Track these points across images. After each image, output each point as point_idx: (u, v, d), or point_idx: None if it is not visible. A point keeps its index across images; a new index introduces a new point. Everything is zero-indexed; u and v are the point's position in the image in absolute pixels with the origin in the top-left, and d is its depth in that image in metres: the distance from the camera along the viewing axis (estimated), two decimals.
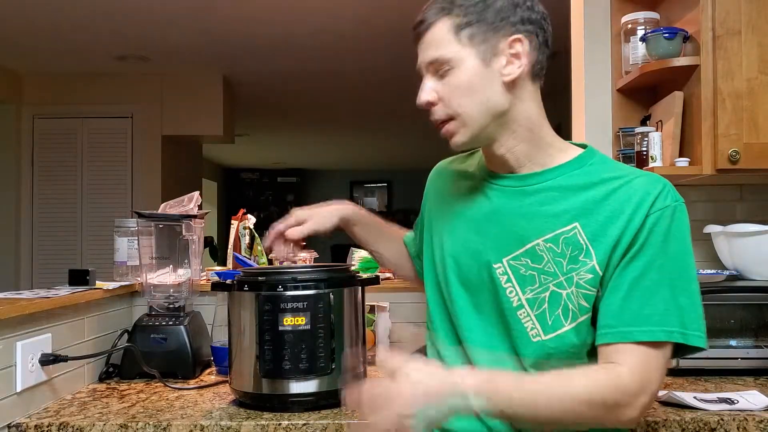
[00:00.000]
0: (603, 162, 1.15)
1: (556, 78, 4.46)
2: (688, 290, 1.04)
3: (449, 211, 1.24)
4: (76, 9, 4.02)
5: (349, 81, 5.69)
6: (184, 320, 1.77)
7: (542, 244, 1.09)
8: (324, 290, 1.40)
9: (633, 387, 1.00)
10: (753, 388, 1.50)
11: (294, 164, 11.04)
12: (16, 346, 1.38)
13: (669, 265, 1.04)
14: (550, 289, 1.08)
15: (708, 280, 1.81)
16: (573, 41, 2.22)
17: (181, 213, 1.81)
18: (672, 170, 1.83)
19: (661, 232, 1.04)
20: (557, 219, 1.09)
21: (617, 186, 1.08)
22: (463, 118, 1.10)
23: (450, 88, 1.10)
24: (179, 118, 5.54)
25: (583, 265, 1.06)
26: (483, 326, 1.14)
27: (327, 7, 4.00)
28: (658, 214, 1.05)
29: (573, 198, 1.10)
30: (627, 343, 1.02)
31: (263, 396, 1.41)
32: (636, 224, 1.04)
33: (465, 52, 1.09)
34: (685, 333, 1.02)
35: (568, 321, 1.07)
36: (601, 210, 1.07)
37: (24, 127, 5.42)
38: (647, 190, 1.06)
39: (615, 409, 1.00)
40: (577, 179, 1.11)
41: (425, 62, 1.12)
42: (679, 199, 1.08)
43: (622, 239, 1.04)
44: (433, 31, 1.11)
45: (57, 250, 5.40)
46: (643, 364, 1.01)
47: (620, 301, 1.04)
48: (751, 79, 1.75)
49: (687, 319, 1.03)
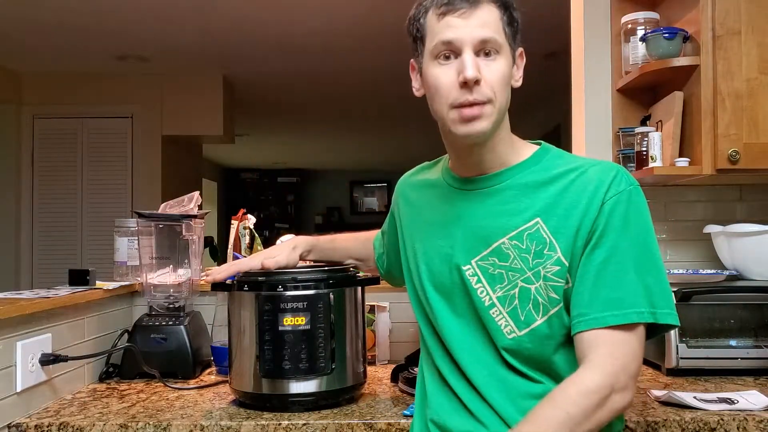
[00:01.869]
0: (559, 156, 1.17)
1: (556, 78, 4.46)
2: (653, 270, 1.07)
3: (418, 220, 1.27)
4: (76, 9, 4.02)
5: (348, 81, 5.69)
6: (184, 320, 1.77)
7: (507, 242, 1.12)
8: (324, 290, 1.40)
9: (609, 374, 1.02)
10: (753, 388, 1.50)
11: (294, 164, 11.04)
12: (16, 346, 1.38)
13: (632, 248, 1.06)
14: (519, 285, 1.11)
15: (708, 280, 1.81)
16: (573, 41, 2.22)
17: (181, 213, 1.81)
18: (672, 170, 1.83)
19: (620, 217, 1.07)
20: (519, 216, 1.12)
21: (573, 177, 1.11)
22: (497, 106, 1.10)
23: (495, 73, 1.09)
24: (179, 118, 5.54)
25: (548, 258, 1.09)
26: (461, 328, 1.16)
27: (327, 7, 4.00)
28: (615, 199, 1.07)
29: (533, 194, 1.13)
30: (601, 329, 1.04)
31: (263, 396, 1.41)
32: (593, 212, 1.07)
33: (506, 45, 1.10)
34: (654, 312, 1.05)
35: (539, 315, 1.10)
36: (560, 203, 1.10)
37: (24, 127, 5.42)
38: (601, 178, 1.09)
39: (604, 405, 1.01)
40: (536, 176, 1.14)
41: (476, 38, 1.07)
42: (634, 182, 1.10)
43: (582, 228, 1.07)
44: (485, 11, 1.08)
45: (57, 250, 5.40)
46: (617, 348, 1.04)
47: (590, 289, 1.06)
48: (751, 79, 1.75)
49: (655, 299, 1.06)
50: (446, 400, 1.16)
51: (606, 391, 1.01)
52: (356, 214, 11.56)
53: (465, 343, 1.15)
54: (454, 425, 1.13)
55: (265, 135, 8.36)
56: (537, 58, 1.26)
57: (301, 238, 1.50)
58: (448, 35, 1.08)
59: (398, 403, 1.46)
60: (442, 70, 1.10)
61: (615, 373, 1.02)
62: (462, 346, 1.15)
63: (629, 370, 1.03)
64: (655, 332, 1.10)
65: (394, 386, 1.62)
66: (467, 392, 1.13)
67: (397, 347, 1.90)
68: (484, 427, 1.10)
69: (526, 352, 1.11)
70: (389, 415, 1.37)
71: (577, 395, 1.01)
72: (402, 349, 1.85)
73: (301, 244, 1.48)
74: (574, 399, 1.00)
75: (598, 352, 1.04)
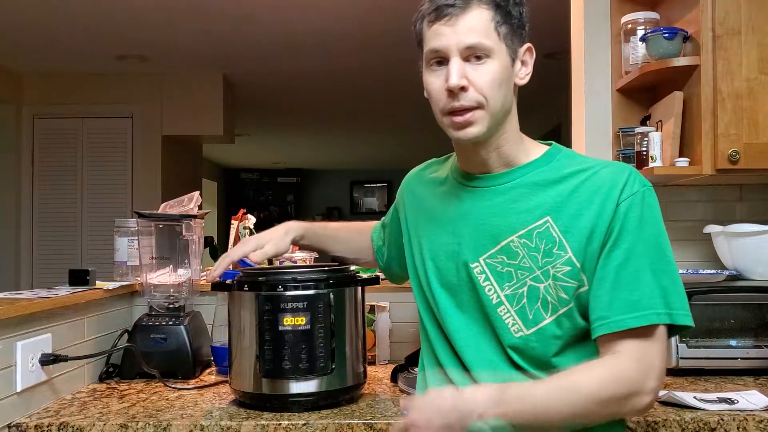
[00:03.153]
0: (570, 157, 1.17)
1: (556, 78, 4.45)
2: (668, 271, 1.07)
3: (425, 216, 1.27)
4: (76, 9, 4.02)
5: (349, 81, 5.69)
6: (184, 320, 1.77)
7: (516, 240, 1.12)
8: (324, 290, 1.40)
9: (637, 375, 1.02)
10: (753, 388, 1.50)
11: (294, 164, 11.04)
12: (16, 346, 1.38)
13: (647, 250, 1.07)
14: (528, 283, 1.10)
15: (708, 280, 1.81)
16: (573, 41, 2.22)
17: (181, 213, 1.81)
18: (672, 170, 1.83)
19: (635, 218, 1.07)
20: (529, 215, 1.12)
21: (585, 178, 1.11)
22: (490, 109, 1.10)
23: (483, 77, 1.09)
24: (179, 118, 5.53)
25: (558, 257, 1.08)
26: (468, 325, 1.16)
27: (327, 7, 4.00)
28: (629, 201, 1.07)
29: (543, 193, 1.12)
30: (622, 331, 1.04)
31: (263, 396, 1.41)
32: (608, 214, 1.07)
33: (500, 46, 1.10)
34: (671, 313, 1.05)
35: (548, 314, 1.09)
36: (571, 203, 1.10)
37: (24, 127, 5.42)
38: (614, 179, 1.09)
39: (627, 401, 1.02)
40: (546, 175, 1.14)
41: (461, 45, 1.08)
42: (647, 184, 1.10)
43: (596, 230, 1.07)
44: (473, 15, 1.08)
45: (57, 250, 5.40)
46: (642, 350, 1.04)
47: (608, 292, 1.06)
48: (751, 79, 1.75)
49: (671, 300, 1.06)
50: None
51: (636, 388, 1.01)
52: (356, 214, 11.56)
53: (470, 339, 1.15)
54: None
55: (265, 135, 8.36)
56: (537, 58, 1.26)
57: (294, 222, 1.47)
58: (435, 43, 1.10)
59: (398, 403, 1.46)
60: (434, 77, 1.12)
61: (642, 373, 1.02)
62: (467, 343, 1.15)
63: (655, 371, 1.03)
64: (671, 333, 1.09)
65: (394, 386, 1.62)
66: None
67: (397, 347, 1.90)
68: (490, 428, 1.09)
69: (532, 351, 1.11)
70: (389, 415, 1.37)
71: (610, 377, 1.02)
72: (402, 349, 1.85)
73: (294, 228, 1.44)
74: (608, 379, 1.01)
75: (622, 356, 1.04)
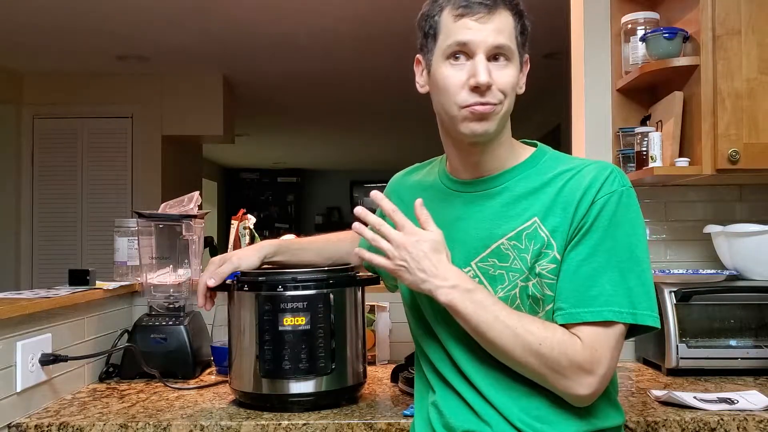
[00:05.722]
0: (556, 158, 1.19)
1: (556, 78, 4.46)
2: (637, 272, 1.08)
3: (414, 222, 1.25)
4: (76, 9, 4.02)
5: (349, 81, 5.69)
6: (184, 320, 1.77)
7: (506, 242, 1.13)
8: (324, 290, 1.40)
9: (586, 358, 1.04)
10: (753, 388, 1.50)
11: (294, 164, 11.04)
12: (16, 346, 1.39)
13: (616, 249, 1.08)
14: (519, 285, 1.12)
15: (708, 280, 1.81)
16: (573, 41, 2.22)
17: (181, 213, 1.81)
18: (672, 170, 1.83)
19: (607, 217, 1.08)
20: (518, 217, 1.13)
21: (569, 177, 1.12)
22: (504, 110, 1.12)
23: (505, 78, 1.10)
24: (179, 118, 5.53)
25: (545, 256, 1.10)
26: (460, 328, 1.15)
27: (327, 7, 4.00)
28: (604, 199, 1.09)
29: (531, 196, 1.14)
30: (577, 324, 1.06)
31: (263, 396, 1.41)
32: (583, 210, 1.09)
33: (517, 53, 1.13)
34: (634, 313, 1.06)
35: (540, 310, 1.11)
36: (557, 202, 1.11)
37: (24, 127, 5.41)
38: (595, 177, 1.10)
39: (560, 377, 1.04)
40: (533, 177, 1.16)
41: (490, 44, 1.08)
42: (627, 184, 1.11)
43: (572, 225, 1.09)
44: (501, 17, 1.10)
45: (57, 250, 5.39)
46: (593, 343, 1.05)
47: (568, 284, 1.08)
48: (751, 79, 1.75)
49: (636, 300, 1.07)
50: (450, 400, 1.16)
51: (574, 371, 1.04)
52: None
53: (462, 343, 1.15)
54: (459, 424, 1.12)
55: (265, 135, 8.36)
56: (537, 58, 1.27)
57: (269, 241, 1.47)
58: (464, 36, 1.09)
59: (398, 403, 1.46)
60: (453, 71, 1.11)
61: (593, 359, 1.04)
62: (460, 347, 1.15)
63: (605, 363, 1.05)
64: (635, 333, 1.11)
65: (394, 386, 1.62)
66: (469, 392, 1.13)
67: (397, 347, 1.90)
68: (489, 426, 1.10)
69: None
70: (389, 415, 1.37)
71: (561, 341, 1.05)
72: (402, 349, 1.85)
73: (267, 246, 1.44)
74: (558, 341, 1.04)
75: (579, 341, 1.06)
